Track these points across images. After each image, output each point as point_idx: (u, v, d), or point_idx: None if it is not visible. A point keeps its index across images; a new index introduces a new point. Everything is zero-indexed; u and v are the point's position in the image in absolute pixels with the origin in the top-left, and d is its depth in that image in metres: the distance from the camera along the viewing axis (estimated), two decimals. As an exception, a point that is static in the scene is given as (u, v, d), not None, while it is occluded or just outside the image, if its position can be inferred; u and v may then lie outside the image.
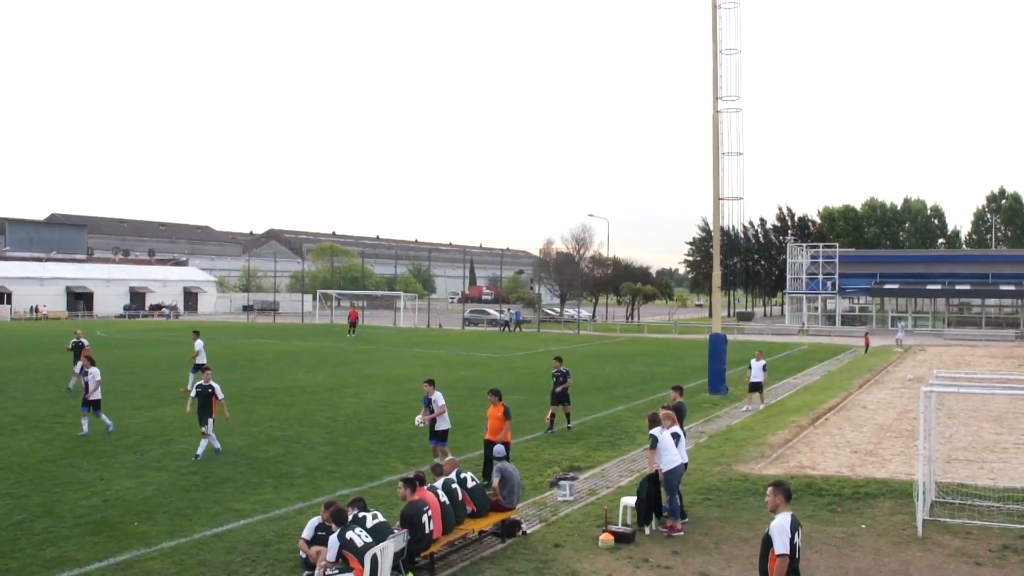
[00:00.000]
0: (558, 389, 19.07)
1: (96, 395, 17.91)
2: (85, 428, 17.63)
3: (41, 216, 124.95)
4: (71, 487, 13.34)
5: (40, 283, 78.66)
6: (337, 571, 8.28)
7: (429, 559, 9.54)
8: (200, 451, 15.50)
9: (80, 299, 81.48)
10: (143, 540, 10.69)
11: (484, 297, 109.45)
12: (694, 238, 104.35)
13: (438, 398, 14.88)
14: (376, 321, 71.78)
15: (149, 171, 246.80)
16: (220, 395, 16.00)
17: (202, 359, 24.17)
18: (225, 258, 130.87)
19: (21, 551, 10.27)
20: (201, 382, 16.19)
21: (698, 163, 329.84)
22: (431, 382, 15.18)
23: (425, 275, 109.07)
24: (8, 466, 14.77)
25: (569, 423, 19.29)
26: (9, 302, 74.46)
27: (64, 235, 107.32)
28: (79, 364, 21.64)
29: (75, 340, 27.05)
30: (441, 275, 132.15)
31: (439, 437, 14.85)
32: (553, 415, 18.91)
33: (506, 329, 61.77)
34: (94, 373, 18.08)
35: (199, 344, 24.88)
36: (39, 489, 13.23)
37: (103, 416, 18.05)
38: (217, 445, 15.93)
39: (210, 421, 15.63)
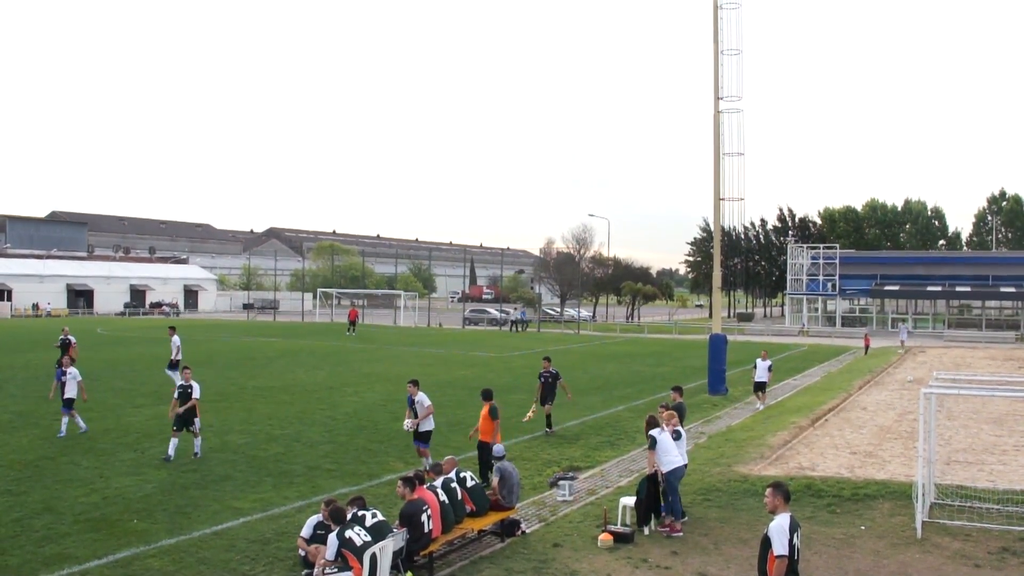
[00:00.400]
0: (568, 400, 18.84)
1: (70, 393, 17.50)
2: (83, 425, 17.61)
3: (42, 213, 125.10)
4: (71, 484, 13.34)
5: (40, 280, 78.74)
6: (336, 570, 8.29)
7: (428, 558, 9.54)
8: (197, 449, 15.51)
9: (80, 296, 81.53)
10: (142, 538, 10.70)
11: (484, 296, 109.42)
12: (695, 238, 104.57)
13: (423, 399, 14.45)
14: (376, 320, 71.81)
15: (150, 169, 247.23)
16: (197, 395, 15.67)
17: (178, 356, 24.16)
18: (225, 256, 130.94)
19: (21, 548, 10.27)
20: (182, 381, 16.03)
21: (699, 163, 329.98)
22: (415, 382, 14.77)
23: (425, 274, 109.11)
24: (8, 463, 14.78)
25: (549, 425, 18.79)
26: (9, 299, 74.51)
27: (64, 232, 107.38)
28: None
29: (63, 337, 26.95)
30: (441, 274, 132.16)
31: (422, 439, 14.52)
32: (549, 414, 18.90)
33: (515, 329, 61.66)
34: (73, 373, 17.72)
35: (176, 340, 24.83)
36: (39, 486, 13.24)
37: (67, 416, 17.44)
38: (172, 453, 15.17)
39: (196, 420, 15.57)
